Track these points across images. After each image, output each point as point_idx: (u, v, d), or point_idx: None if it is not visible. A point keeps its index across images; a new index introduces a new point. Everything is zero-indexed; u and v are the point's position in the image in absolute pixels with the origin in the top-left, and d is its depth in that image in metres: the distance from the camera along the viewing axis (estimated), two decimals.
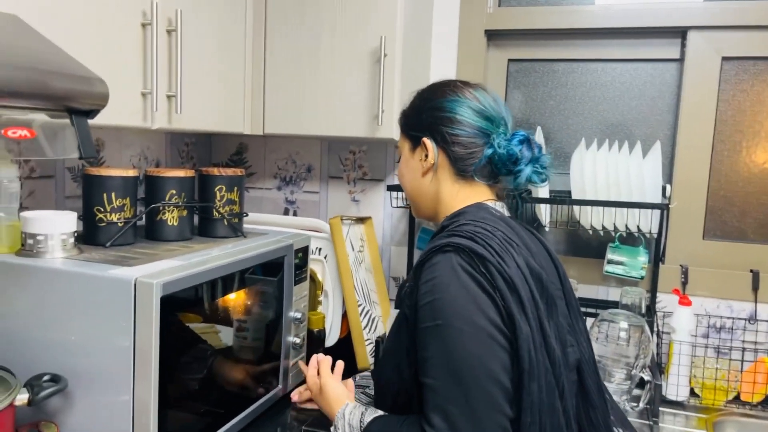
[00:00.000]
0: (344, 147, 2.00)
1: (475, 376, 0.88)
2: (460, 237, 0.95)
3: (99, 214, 1.26)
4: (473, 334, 0.89)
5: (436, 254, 0.95)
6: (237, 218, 1.48)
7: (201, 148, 2.09)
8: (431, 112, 1.08)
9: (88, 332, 1.06)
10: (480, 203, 1.07)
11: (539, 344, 0.93)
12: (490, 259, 0.92)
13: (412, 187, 1.14)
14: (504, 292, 0.91)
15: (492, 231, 0.97)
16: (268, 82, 1.69)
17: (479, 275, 0.91)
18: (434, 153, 1.07)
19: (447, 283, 0.91)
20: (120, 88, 1.23)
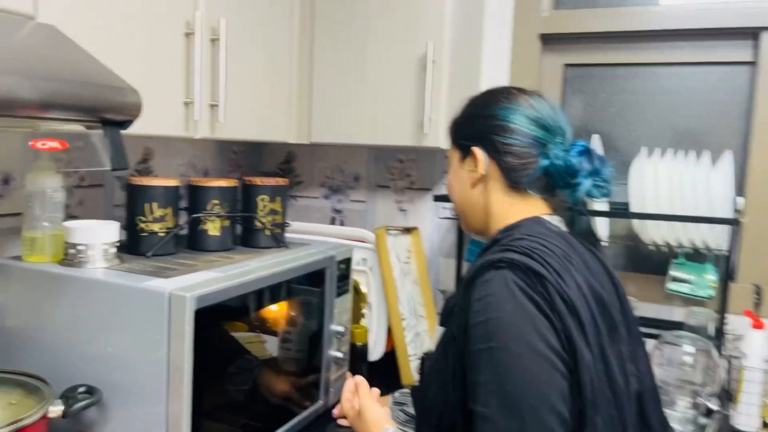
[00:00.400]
0: (392, 156, 1.95)
1: (533, 406, 0.80)
2: (515, 252, 0.88)
3: (141, 223, 1.26)
4: (531, 359, 0.81)
5: (488, 270, 0.88)
6: (279, 228, 1.46)
7: (250, 157, 2.09)
8: (483, 120, 1.02)
9: (124, 344, 1.05)
10: (536, 217, 0.99)
11: (601, 373, 0.85)
12: (548, 277, 0.84)
13: (461, 199, 1.08)
14: (563, 314, 0.83)
15: (550, 247, 0.89)
16: (315, 90, 1.66)
17: (536, 295, 0.84)
18: (484, 163, 1.01)
19: (502, 302, 0.84)
20: (162, 97, 1.22)
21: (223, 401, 1.17)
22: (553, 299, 0.83)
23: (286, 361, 1.37)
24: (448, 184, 1.11)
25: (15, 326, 1.16)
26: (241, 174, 2.05)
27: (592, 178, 0.98)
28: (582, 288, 0.87)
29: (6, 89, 0.71)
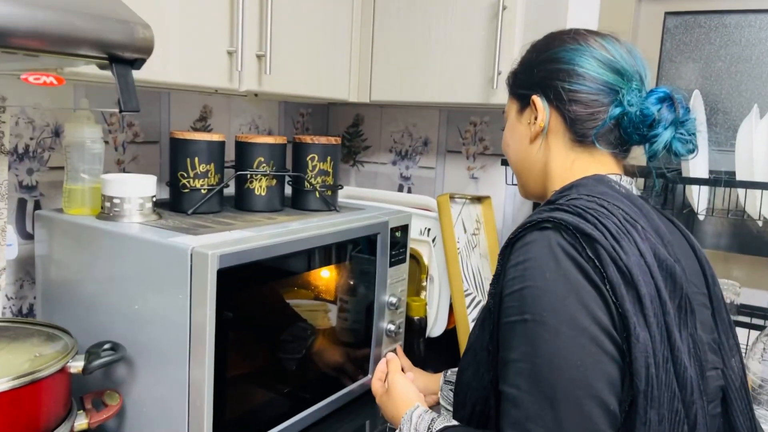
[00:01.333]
0: (464, 118, 1.80)
1: (571, 391, 0.67)
2: (565, 212, 0.75)
3: (183, 180, 1.20)
4: (572, 336, 0.68)
5: (531, 231, 0.75)
6: (330, 190, 1.36)
7: (317, 119, 2.01)
8: (545, 64, 0.88)
9: (149, 302, 1.00)
10: (600, 176, 0.85)
11: (663, 359, 0.70)
12: (602, 241, 0.71)
13: (517, 158, 0.95)
14: (616, 285, 0.70)
15: (609, 208, 0.76)
16: (377, 45, 1.54)
17: (585, 261, 0.71)
18: (545, 113, 0.88)
19: (543, 268, 0.72)
20: (202, 44, 1.15)
21: (259, 368, 1.10)
22: (606, 267, 0.70)
23: (343, 331, 1.29)
24: (504, 143, 0.98)
25: (57, 279, 1.15)
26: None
27: (675, 130, 0.83)
28: (646, 257, 0.73)
29: None
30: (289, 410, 1.15)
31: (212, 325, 0.94)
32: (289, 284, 1.17)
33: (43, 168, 1.26)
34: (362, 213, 1.36)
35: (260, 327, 1.10)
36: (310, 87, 1.43)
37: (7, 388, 0.83)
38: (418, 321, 1.49)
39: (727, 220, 1.51)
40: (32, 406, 0.87)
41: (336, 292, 1.27)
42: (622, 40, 0.89)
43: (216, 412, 0.97)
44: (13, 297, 1.24)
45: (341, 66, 1.52)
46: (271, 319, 1.13)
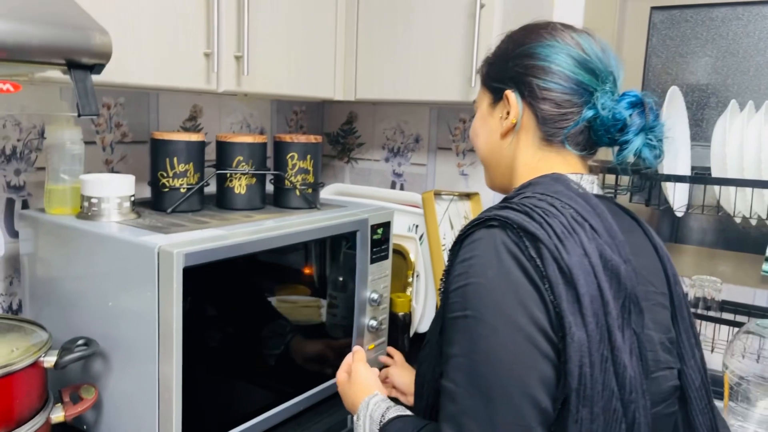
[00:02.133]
0: (454, 115, 1.81)
1: (505, 389, 0.69)
2: (513, 210, 0.76)
3: (162, 179, 1.23)
4: (509, 334, 0.70)
5: (479, 229, 0.76)
6: (311, 188, 1.38)
7: (311, 117, 2.03)
8: (520, 59, 0.86)
9: (122, 299, 1.03)
10: (557, 174, 0.84)
11: (602, 358, 0.71)
12: (545, 240, 0.72)
13: (486, 150, 0.94)
14: (555, 285, 0.70)
15: (559, 207, 0.76)
16: (361, 43, 1.56)
17: (527, 260, 0.72)
18: (518, 110, 0.86)
19: (486, 266, 0.73)
20: (179, 48, 1.18)
21: (233, 364, 1.13)
22: (547, 266, 0.71)
23: (323, 326, 1.31)
24: (473, 133, 0.97)
25: (41, 276, 1.19)
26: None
27: (644, 135, 0.83)
28: (591, 257, 0.73)
29: None
30: (266, 405, 1.18)
31: (179, 322, 0.97)
32: (267, 281, 1.19)
33: (30, 168, 1.30)
34: (342, 210, 1.38)
35: (233, 323, 1.13)
36: (292, 86, 1.45)
37: None
38: (402, 317, 1.51)
39: (713, 218, 1.49)
40: (5, 397, 0.91)
41: (316, 288, 1.29)
42: (597, 38, 0.88)
43: (185, 406, 1.00)
44: (3, 293, 1.29)
45: (326, 65, 1.54)
46: (245, 315, 1.16)
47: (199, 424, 1.04)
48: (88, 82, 0.83)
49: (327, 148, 2.08)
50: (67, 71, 0.83)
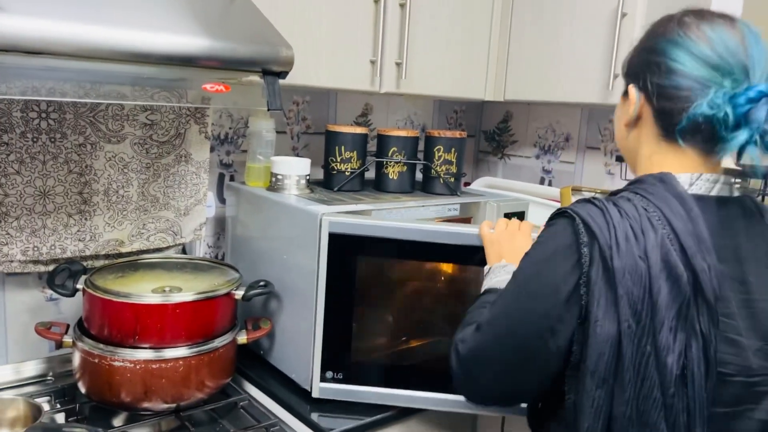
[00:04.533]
0: (604, 116, 1.89)
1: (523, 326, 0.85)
2: (592, 205, 0.83)
3: (332, 163, 1.52)
4: (523, 302, 0.86)
5: (556, 217, 0.88)
6: (453, 177, 1.58)
7: (471, 116, 2.22)
8: (644, 54, 0.89)
9: (293, 254, 1.33)
10: (663, 174, 0.85)
11: (641, 353, 0.78)
12: (601, 241, 0.79)
13: (618, 139, 0.98)
14: (593, 283, 0.79)
15: (640, 211, 0.80)
16: (512, 49, 1.72)
17: (574, 253, 0.81)
18: (636, 104, 0.89)
19: (540, 246, 0.87)
20: (349, 56, 1.45)
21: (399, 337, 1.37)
22: (592, 264, 0.80)
23: None
24: (614, 124, 1.00)
25: (239, 233, 1.54)
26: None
27: (758, 133, 0.78)
28: (649, 261, 0.77)
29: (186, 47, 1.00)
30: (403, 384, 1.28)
31: (323, 275, 1.23)
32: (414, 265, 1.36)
33: (237, 151, 1.67)
34: (479, 198, 1.56)
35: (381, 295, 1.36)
36: (446, 88, 1.66)
37: (191, 300, 1.21)
38: None
39: None
40: (207, 316, 1.25)
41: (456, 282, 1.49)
42: (740, 25, 0.84)
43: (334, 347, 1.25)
44: (212, 246, 1.67)
45: (478, 68, 1.73)
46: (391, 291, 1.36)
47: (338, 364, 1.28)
48: (276, 85, 1.12)
49: (483, 144, 2.26)
50: (262, 76, 1.12)
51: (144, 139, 1.41)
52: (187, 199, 1.51)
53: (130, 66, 0.99)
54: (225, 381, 1.31)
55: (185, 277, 1.34)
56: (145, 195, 1.44)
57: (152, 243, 1.48)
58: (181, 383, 1.21)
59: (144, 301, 1.19)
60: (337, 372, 1.27)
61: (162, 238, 1.49)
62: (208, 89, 1.05)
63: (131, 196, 1.42)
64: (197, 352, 1.22)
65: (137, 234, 1.45)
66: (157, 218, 1.47)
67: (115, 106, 1.34)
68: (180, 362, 1.20)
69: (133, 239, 1.45)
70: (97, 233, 1.39)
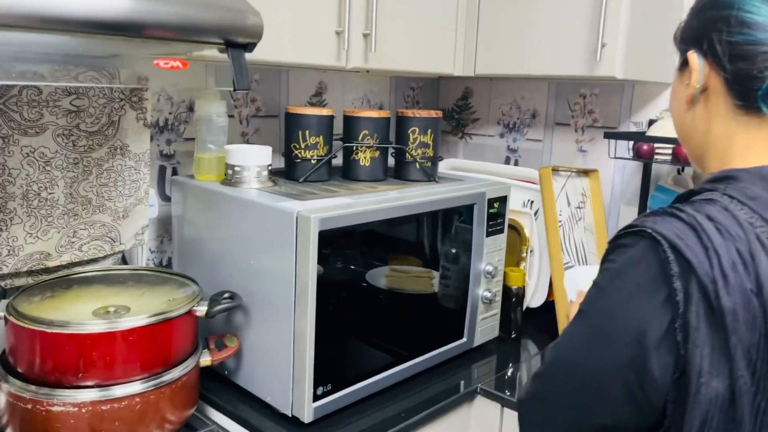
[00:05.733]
0: (573, 90, 1.78)
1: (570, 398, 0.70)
2: (680, 221, 0.64)
3: (295, 150, 1.33)
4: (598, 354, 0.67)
5: (630, 235, 0.67)
6: (430, 162, 1.43)
7: (428, 93, 2.07)
8: (705, 12, 0.74)
9: (262, 259, 1.13)
10: (764, 168, 0.69)
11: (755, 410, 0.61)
12: (701, 273, 0.61)
13: (676, 123, 0.82)
14: (694, 329, 0.61)
15: (746, 227, 0.63)
16: (482, 19, 1.57)
17: (665, 291, 0.62)
18: (699, 72, 0.74)
19: (614, 276, 0.67)
20: (313, 26, 1.26)
21: (356, 325, 1.21)
22: (689, 305, 0.61)
23: (440, 296, 1.37)
24: (670, 105, 0.85)
25: (188, 235, 1.32)
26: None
27: None
28: (764, 292, 0.60)
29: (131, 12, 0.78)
30: (385, 365, 1.25)
31: (314, 281, 1.06)
32: (388, 249, 1.26)
33: (179, 139, 1.44)
34: (460, 184, 1.42)
35: (359, 286, 1.21)
36: (415, 62, 1.50)
37: (145, 324, 1.00)
38: (516, 290, 1.53)
39: None
40: (164, 340, 1.04)
41: (433, 259, 1.35)
42: None
43: (317, 359, 1.09)
44: (155, 250, 1.44)
45: (447, 41, 1.57)
46: (368, 280, 1.23)
47: (324, 376, 1.13)
48: (243, 60, 0.92)
49: (442, 123, 2.11)
50: (224, 50, 0.92)
51: (69, 130, 1.17)
52: (125, 199, 1.27)
53: (48, 35, 0.76)
54: (189, 412, 1.11)
55: (131, 294, 1.12)
56: (74, 196, 1.20)
57: (86, 253, 1.24)
58: (138, 423, 1.00)
59: (86, 330, 0.97)
60: (326, 384, 1.12)
61: (97, 246, 1.25)
62: (161, 66, 0.83)
63: (57, 198, 1.18)
64: (155, 385, 1.02)
65: (67, 244, 1.21)
66: (90, 223, 1.23)
67: (31, 89, 1.09)
68: (136, 399, 0.99)
69: (62, 250, 1.20)
70: (16, 246, 1.14)
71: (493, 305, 1.48)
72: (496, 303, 1.48)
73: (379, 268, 1.25)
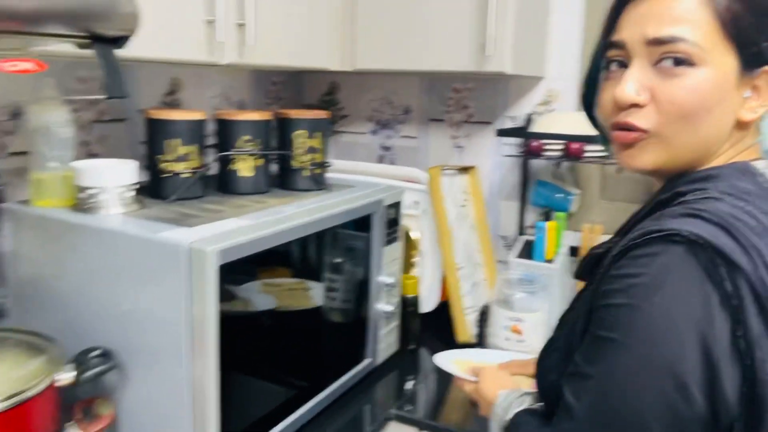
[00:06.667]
0: (447, 85, 1.73)
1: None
2: (705, 221, 0.59)
3: (162, 163, 1.10)
4: (656, 377, 0.57)
5: (657, 243, 0.59)
6: (319, 168, 1.28)
7: (290, 88, 1.90)
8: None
9: (141, 302, 0.91)
10: (743, 164, 0.67)
11: None
12: (749, 271, 0.56)
13: (709, 134, 0.67)
14: (751, 330, 0.56)
15: (763, 220, 0.61)
16: (360, 10, 1.44)
17: (719, 296, 0.56)
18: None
19: (652, 290, 0.58)
20: (180, 14, 1.04)
21: (258, 360, 1.04)
22: (746, 308, 0.56)
23: (332, 312, 1.22)
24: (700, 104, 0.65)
25: (27, 277, 1.04)
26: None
27: None
28: None
29: None
30: (295, 402, 1.10)
31: (215, 321, 0.87)
32: (284, 270, 1.10)
33: (3, 155, 1.13)
34: (355, 191, 1.29)
35: (257, 318, 1.04)
36: (293, 57, 1.33)
37: None
38: (412, 299, 1.45)
39: None
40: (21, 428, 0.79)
41: (331, 272, 1.21)
42: None
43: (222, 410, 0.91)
44: None
45: (323, 35, 1.42)
46: (267, 308, 1.06)
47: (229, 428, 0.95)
48: (114, 58, 0.70)
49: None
50: (88, 45, 0.70)
51: None
52: None
53: None
54: None
55: None
56: None
57: None
58: None
59: None
60: None
61: None
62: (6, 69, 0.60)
63: None
64: None
65: None
66: None
67: None
68: None
69: None
70: None
71: (393, 318, 1.38)
72: (395, 315, 1.39)
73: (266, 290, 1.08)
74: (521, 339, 1.38)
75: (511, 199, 1.71)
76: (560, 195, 1.58)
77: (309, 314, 1.16)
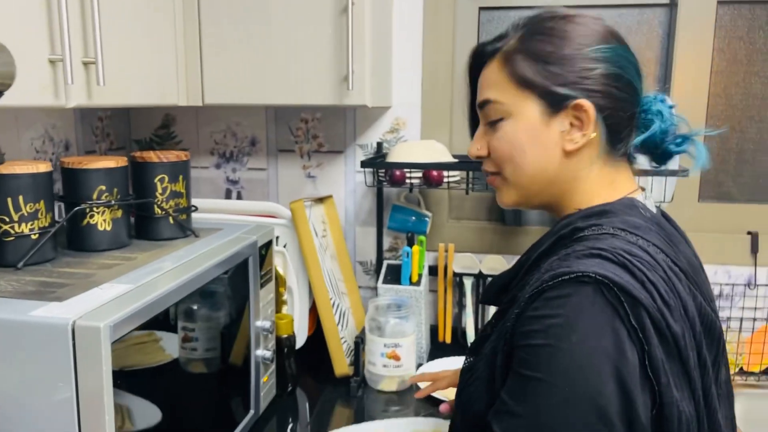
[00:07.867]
0: (294, 115, 1.71)
1: None
2: (608, 260, 0.64)
3: (4, 225, 0.94)
4: (581, 412, 0.60)
5: (568, 284, 0.64)
6: (185, 214, 1.19)
7: (118, 123, 1.74)
8: (585, 62, 0.74)
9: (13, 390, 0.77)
10: (629, 199, 0.75)
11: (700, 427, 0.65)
12: (649, 306, 0.62)
13: (536, 169, 0.77)
14: (654, 358, 0.61)
15: (654, 254, 0.67)
16: (206, 43, 1.37)
17: (626, 330, 0.61)
18: (594, 124, 0.74)
19: (569, 330, 0.62)
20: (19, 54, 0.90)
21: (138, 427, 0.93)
22: (650, 340, 0.61)
23: (193, 363, 1.13)
24: (513, 148, 0.77)
25: None
26: (110, 145, 1.70)
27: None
28: (689, 313, 0.65)
29: None
30: None
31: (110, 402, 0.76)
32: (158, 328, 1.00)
33: None
34: (225, 234, 1.21)
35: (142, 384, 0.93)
36: (144, 95, 1.22)
37: None
38: (286, 339, 1.40)
39: None
40: None
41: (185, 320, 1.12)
42: None
43: None
44: None
45: (171, 69, 1.32)
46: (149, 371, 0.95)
47: None
48: None
49: None
50: None
51: None
52: None
53: None
54: None
55: None
56: None
57: None
58: None
59: None
60: None
61: None
62: None
63: None
64: None
65: None
66: None
67: None
68: None
69: None
70: None
71: (271, 364, 1.32)
72: (273, 359, 1.33)
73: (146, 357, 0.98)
74: (399, 364, 1.41)
75: (367, 225, 1.74)
76: (415, 218, 1.64)
77: (198, 374, 1.07)
